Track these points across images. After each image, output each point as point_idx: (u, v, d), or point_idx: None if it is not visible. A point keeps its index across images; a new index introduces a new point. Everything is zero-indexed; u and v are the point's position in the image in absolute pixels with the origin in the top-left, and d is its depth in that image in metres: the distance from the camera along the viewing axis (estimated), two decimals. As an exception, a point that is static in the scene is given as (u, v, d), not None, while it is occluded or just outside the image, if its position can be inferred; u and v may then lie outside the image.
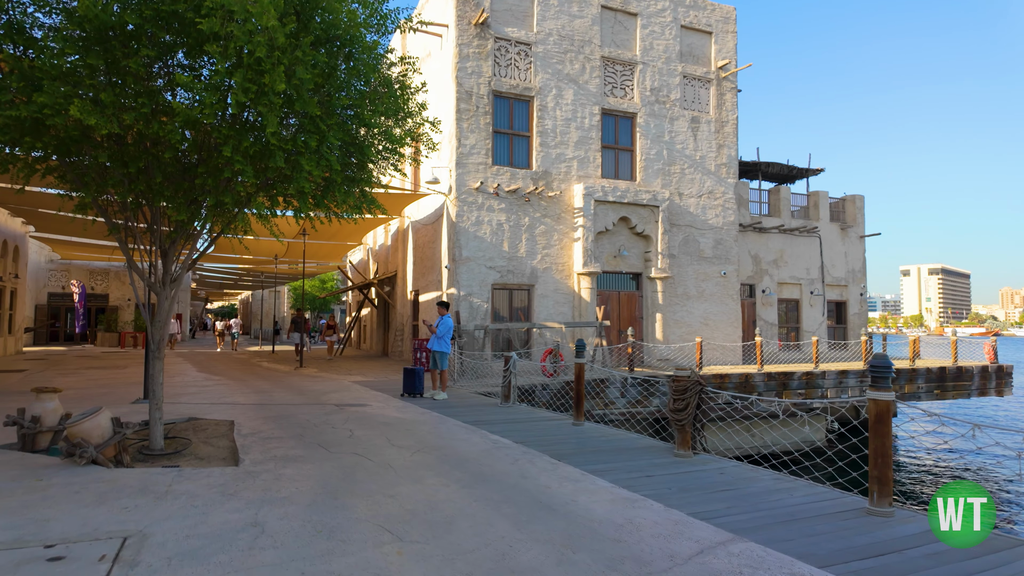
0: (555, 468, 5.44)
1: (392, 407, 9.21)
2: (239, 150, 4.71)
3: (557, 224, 16.05)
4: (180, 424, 7.74)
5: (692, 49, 18.27)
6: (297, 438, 6.70)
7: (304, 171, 4.95)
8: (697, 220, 17.88)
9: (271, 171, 5.05)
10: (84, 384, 12.13)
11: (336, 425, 7.56)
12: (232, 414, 8.44)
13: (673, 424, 6.02)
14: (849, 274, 23.21)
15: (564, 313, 15.95)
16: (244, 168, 4.72)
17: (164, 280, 6.21)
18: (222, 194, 5.06)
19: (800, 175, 24.58)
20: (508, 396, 9.53)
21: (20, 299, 22.13)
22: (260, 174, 5.15)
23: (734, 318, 18.31)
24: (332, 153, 5.17)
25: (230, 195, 5.01)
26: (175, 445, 6.45)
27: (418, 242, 18.33)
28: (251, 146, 4.77)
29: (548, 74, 16.07)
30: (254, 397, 10.37)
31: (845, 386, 16.49)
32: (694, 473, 5.37)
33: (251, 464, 5.48)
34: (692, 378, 5.97)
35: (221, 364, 18.01)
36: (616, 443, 6.67)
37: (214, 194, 5.09)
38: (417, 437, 6.85)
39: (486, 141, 15.38)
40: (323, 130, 4.93)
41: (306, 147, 4.92)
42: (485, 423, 7.86)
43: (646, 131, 17.24)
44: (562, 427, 7.63)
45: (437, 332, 10.13)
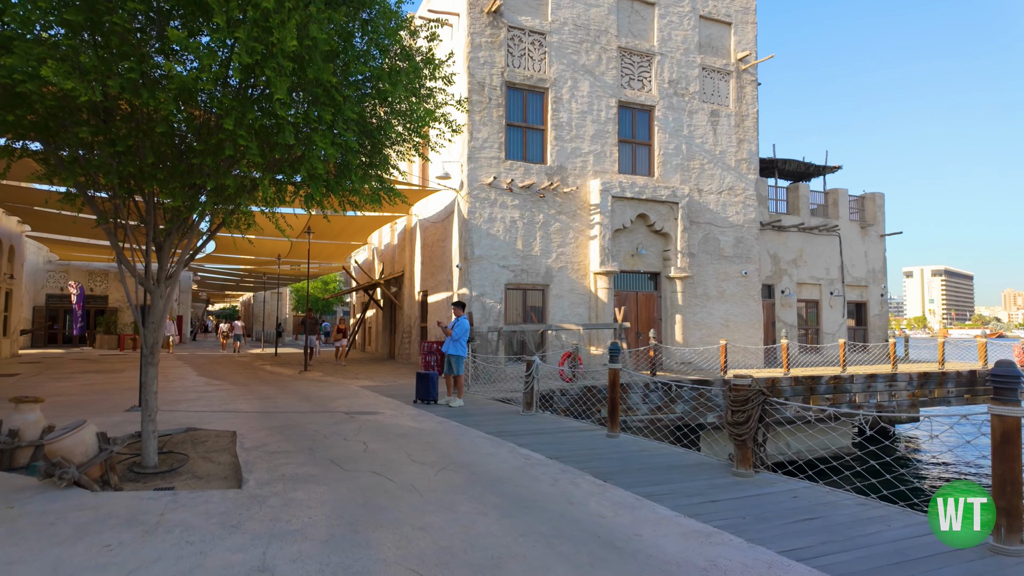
0: (603, 491, 4.76)
1: (406, 415, 8.53)
2: (243, 123, 4.04)
3: (573, 221, 15.38)
4: (177, 436, 7.07)
5: (711, 40, 17.60)
6: (306, 452, 6.03)
7: (317, 150, 4.28)
8: (717, 217, 17.19)
9: (279, 149, 4.38)
10: (78, 389, 11.47)
11: (348, 436, 6.89)
12: (234, 423, 7.77)
13: (732, 439, 5.34)
14: (869, 274, 22.51)
15: (580, 314, 15.27)
16: (248, 144, 4.05)
17: (159, 278, 5.55)
18: (223, 177, 4.39)
19: (817, 172, 23.89)
20: (530, 403, 8.85)
21: (16, 300, 21.49)
22: (266, 153, 4.48)
23: (755, 319, 17.61)
24: (348, 130, 4.49)
25: (232, 178, 4.33)
26: (171, 461, 5.78)
27: (427, 241, 17.66)
28: (256, 119, 4.10)
29: (563, 65, 15.41)
30: (257, 404, 9.70)
31: (873, 390, 15.77)
32: (764, 497, 4.69)
33: (256, 485, 4.81)
34: (754, 387, 5.29)
35: (222, 368, 17.35)
36: (662, 459, 5.98)
37: (214, 177, 4.42)
38: (439, 451, 6.18)
39: (499, 134, 14.72)
40: (339, 102, 4.25)
41: (320, 121, 4.25)
42: (510, 434, 7.18)
43: (664, 125, 16.57)
44: (596, 439, 6.95)
45: (453, 334, 9.46)
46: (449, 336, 9.51)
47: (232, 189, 4.38)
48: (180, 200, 4.54)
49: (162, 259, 5.55)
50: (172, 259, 5.65)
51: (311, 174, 4.37)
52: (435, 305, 16.50)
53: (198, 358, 21.75)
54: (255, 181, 4.72)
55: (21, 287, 22.93)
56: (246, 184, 4.61)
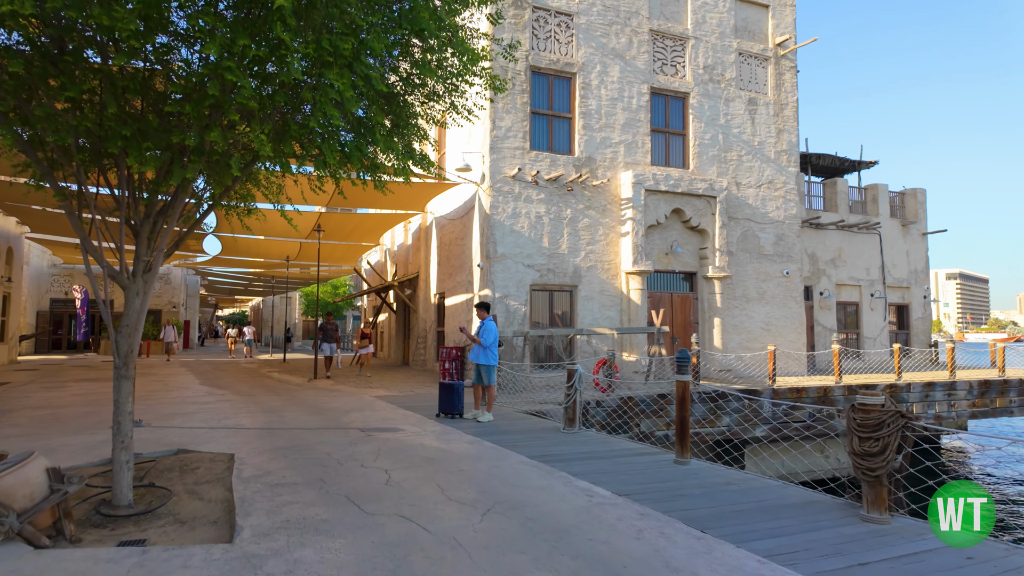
0: (707, 548, 3.60)
1: (430, 433, 7.40)
2: (231, 51, 2.94)
3: (602, 217, 14.22)
4: (165, 460, 5.98)
5: (748, 24, 16.43)
6: (317, 485, 4.92)
7: (330, 92, 3.17)
8: (756, 213, 15.97)
9: (279, 96, 3.27)
10: (67, 400, 10.45)
11: (366, 462, 5.77)
12: (233, 443, 6.68)
13: (860, 474, 4.16)
14: (911, 275, 21.14)
15: (611, 318, 14.09)
16: (239, 81, 2.95)
17: (135, 270, 4.47)
18: (207, 129, 3.29)
19: (851, 168, 22.61)
20: (573, 419, 7.69)
21: (14, 305, 20.61)
22: (265, 102, 3.37)
23: (798, 323, 16.34)
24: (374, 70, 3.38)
25: (218, 130, 3.22)
26: (150, 498, 4.68)
27: (443, 240, 16.57)
28: (250, 49, 3.00)
29: (591, 48, 14.29)
30: (262, 418, 8.62)
31: (931, 400, 14.46)
32: (926, 556, 3.51)
33: (252, 537, 3.69)
34: (888, 408, 4.11)
35: (227, 376, 16.32)
36: (757, 495, 4.81)
37: (196, 130, 3.32)
38: (478, 483, 5.04)
39: (523, 123, 13.61)
40: (361, 27, 3.14)
41: (335, 54, 3.14)
42: (557, 459, 6.03)
43: (700, 113, 15.39)
44: (663, 467, 5.78)
45: (482, 341, 8.32)
46: (478, 344, 8.37)
47: (220, 146, 3.26)
48: (152, 165, 3.45)
49: (139, 247, 4.47)
50: (153, 246, 4.57)
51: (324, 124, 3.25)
52: (453, 308, 15.39)
53: (203, 365, 20.77)
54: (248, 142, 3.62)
55: (21, 291, 22.08)
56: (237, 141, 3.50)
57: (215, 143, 3.24)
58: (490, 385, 8.51)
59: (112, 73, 3.42)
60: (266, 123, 3.33)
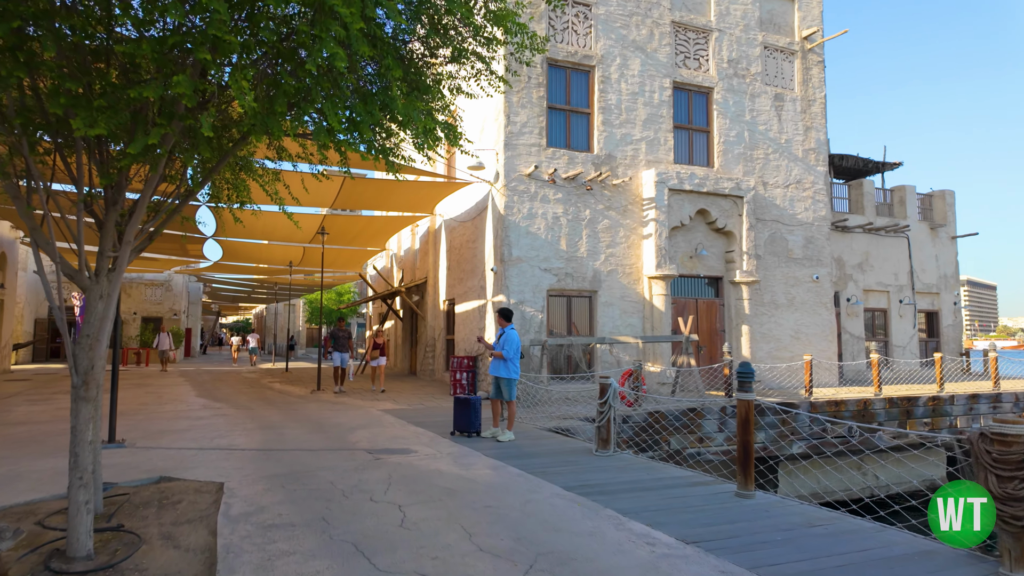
0: (828, 628, 2.74)
1: (447, 455, 6.56)
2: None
3: (623, 218, 13.40)
4: (143, 491, 5.16)
5: (773, 16, 15.65)
6: (318, 527, 4.08)
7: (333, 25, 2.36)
8: (784, 214, 15.12)
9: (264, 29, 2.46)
10: (49, 415, 9.66)
11: (375, 495, 4.93)
12: (224, 469, 5.86)
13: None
14: (941, 280, 20.22)
15: (633, 325, 13.24)
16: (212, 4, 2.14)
17: (98, 267, 3.67)
18: (173, 83, 2.48)
19: (875, 169, 21.74)
20: (607, 440, 6.83)
21: (7, 312, 19.89)
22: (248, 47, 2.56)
23: (828, 331, 15.45)
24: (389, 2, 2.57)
25: (184, 76, 2.41)
26: (115, 547, 3.85)
27: (453, 243, 15.77)
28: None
29: (611, 40, 13.53)
30: (259, 437, 7.79)
31: (976, 413, 13.52)
32: None
33: (233, 610, 2.86)
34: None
35: (226, 386, 15.51)
36: (855, 542, 3.94)
37: (159, 81, 2.52)
38: (512, 526, 4.19)
39: (539, 118, 12.83)
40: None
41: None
42: (598, 490, 5.18)
43: (724, 109, 14.59)
44: (726, 501, 4.92)
45: (504, 353, 7.48)
46: (498, 356, 7.54)
47: (189, 101, 2.45)
48: (104, 127, 2.64)
49: (103, 241, 3.67)
50: (120, 239, 3.77)
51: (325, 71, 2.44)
52: (463, 315, 14.57)
53: (203, 374, 19.98)
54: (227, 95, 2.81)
55: (15, 298, 21.38)
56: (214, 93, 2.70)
57: (183, 96, 2.43)
58: (511, 400, 7.67)
59: (53, 7, 2.62)
60: (247, 69, 2.53)
